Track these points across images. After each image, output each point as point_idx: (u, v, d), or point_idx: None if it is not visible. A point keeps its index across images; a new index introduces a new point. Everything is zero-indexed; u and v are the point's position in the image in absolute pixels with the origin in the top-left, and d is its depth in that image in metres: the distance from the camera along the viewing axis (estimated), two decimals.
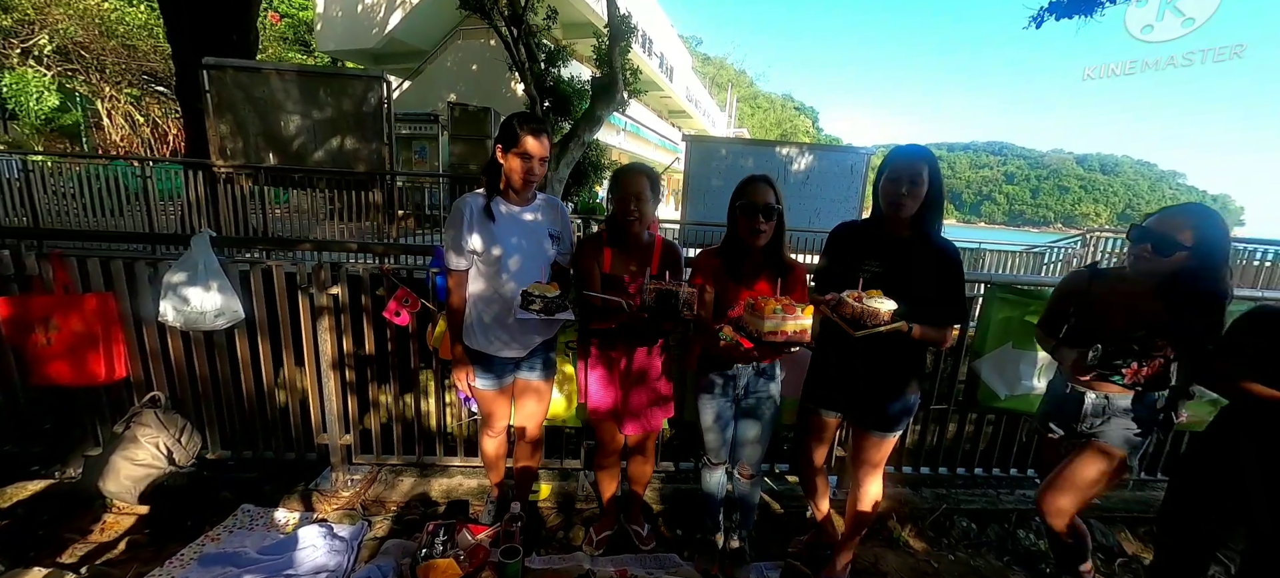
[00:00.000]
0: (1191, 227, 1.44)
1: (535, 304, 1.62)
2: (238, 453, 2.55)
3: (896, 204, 1.61)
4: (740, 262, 1.79)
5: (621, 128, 15.24)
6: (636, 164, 1.86)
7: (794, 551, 2.16)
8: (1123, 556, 2.39)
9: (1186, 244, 1.43)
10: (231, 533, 2.11)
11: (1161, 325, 1.50)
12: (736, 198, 1.75)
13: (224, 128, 5.84)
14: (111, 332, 2.27)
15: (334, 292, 2.30)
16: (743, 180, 1.76)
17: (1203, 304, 1.48)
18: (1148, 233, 1.49)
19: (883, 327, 1.48)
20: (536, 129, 1.73)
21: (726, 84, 41.06)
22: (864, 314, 1.47)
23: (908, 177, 1.58)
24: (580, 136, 7.06)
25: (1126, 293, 1.62)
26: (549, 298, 1.63)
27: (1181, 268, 1.46)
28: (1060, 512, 1.77)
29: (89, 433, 2.44)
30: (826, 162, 7.83)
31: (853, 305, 1.48)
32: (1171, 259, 1.45)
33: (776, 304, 1.51)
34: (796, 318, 1.51)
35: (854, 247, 1.75)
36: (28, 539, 2.03)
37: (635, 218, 1.78)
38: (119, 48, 13.82)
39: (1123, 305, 1.61)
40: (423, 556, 1.75)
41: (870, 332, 1.47)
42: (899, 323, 1.50)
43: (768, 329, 1.50)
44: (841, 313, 1.51)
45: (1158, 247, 1.46)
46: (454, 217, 1.78)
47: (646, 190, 1.79)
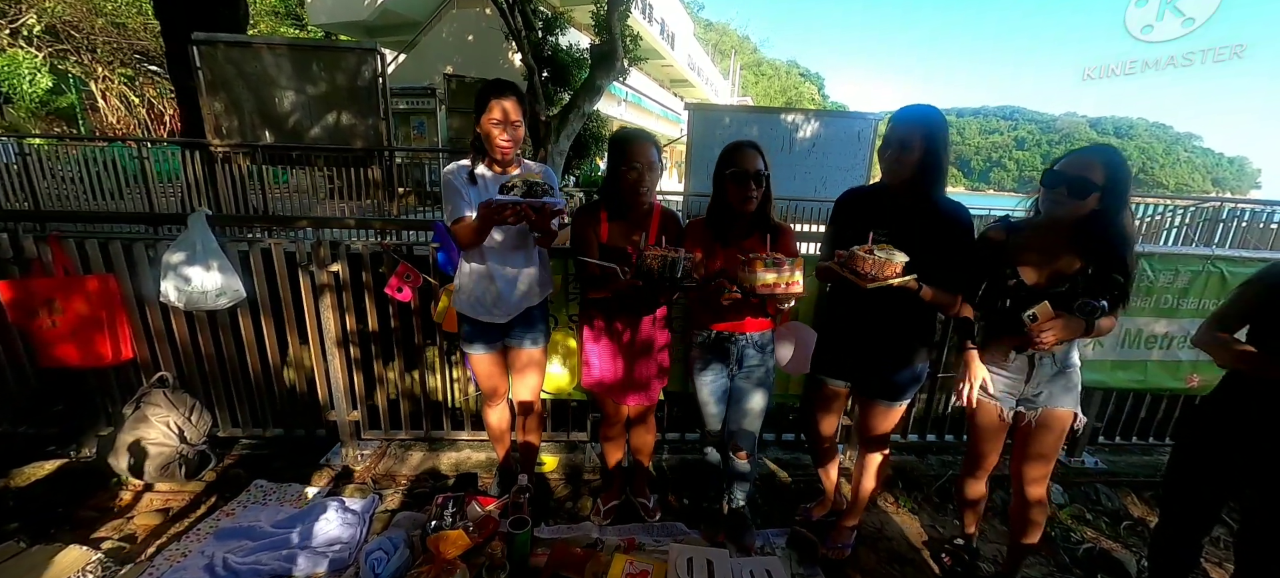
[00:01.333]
0: (1103, 165, 1.40)
1: (516, 189, 1.55)
2: (248, 431, 2.57)
3: (888, 168, 1.59)
4: (729, 227, 1.76)
5: (623, 98, 14.94)
6: (638, 130, 1.80)
7: (800, 518, 2.18)
8: (1129, 519, 2.40)
9: (1099, 183, 1.39)
10: (245, 508, 2.15)
11: (1087, 278, 1.47)
12: (725, 165, 1.71)
13: (218, 106, 5.75)
14: (115, 313, 2.27)
15: (334, 269, 2.28)
16: (728, 146, 1.72)
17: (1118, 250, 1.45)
18: (1062, 176, 1.44)
19: (894, 280, 1.45)
20: (504, 90, 1.69)
21: (729, 51, 40.03)
22: (874, 266, 1.44)
23: (895, 141, 1.55)
24: (580, 107, 6.91)
25: (1040, 242, 1.55)
26: (532, 182, 1.56)
27: (1092, 211, 1.42)
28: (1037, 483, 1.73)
29: (101, 413, 2.47)
30: (833, 128, 7.64)
31: (864, 259, 1.45)
32: (1086, 201, 1.41)
33: (768, 256, 1.50)
34: (786, 271, 1.50)
35: (861, 212, 1.71)
36: (48, 517, 2.08)
37: (644, 190, 1.74)
38: (108, 26, 13.58)
39: (1037, 257, 1.55)
40: (433, 527, 1.77)
41: (881, 284, 1.45)
42: (909, 278, 1.47)
43: (759, 283, 1.49)
44: (853, 267, 1.48)
45: (1072, 188, 1.42)
46: (447, 187, 1.78)
47: (655, 158, 1.75)
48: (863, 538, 2.11)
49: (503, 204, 1.53)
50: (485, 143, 1.74)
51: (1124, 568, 2.06)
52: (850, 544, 2.03)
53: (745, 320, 1.80)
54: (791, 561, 1.99)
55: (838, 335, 1.84)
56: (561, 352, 2.28)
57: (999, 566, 2.04)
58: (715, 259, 1.76)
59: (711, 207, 1.80)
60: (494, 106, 1.67)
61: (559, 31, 8.46)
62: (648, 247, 1.60)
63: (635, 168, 1.71)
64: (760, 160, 1.68)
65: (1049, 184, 1.47)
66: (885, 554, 2.08)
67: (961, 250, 1.60)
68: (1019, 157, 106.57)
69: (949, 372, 2.63)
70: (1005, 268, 1.58)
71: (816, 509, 2.21)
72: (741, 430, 1.89)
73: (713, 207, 1.80)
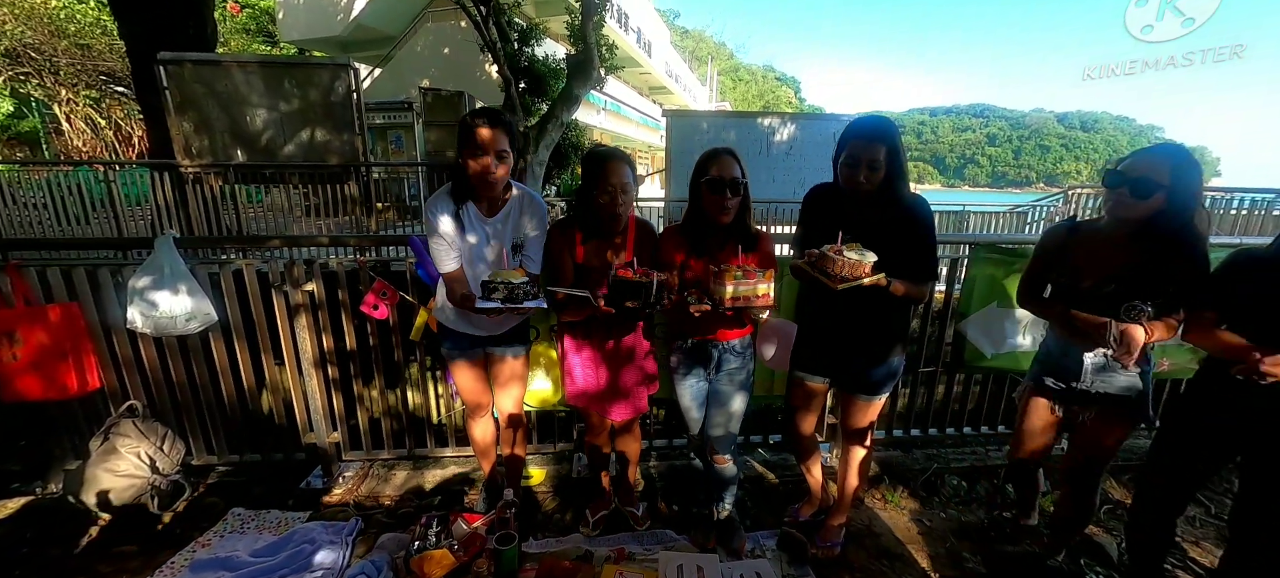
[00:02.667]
0: (1168, 165, 1.40)
1: (497, 292, 1.53)
2: (224, 457, 2.50)
3: (854, 185, 1.59)
4: (704, 236, 1.75)
5: (601, 107, 14.99)
6: (611, 149, 1.78)
7: (789, 519, 2.19)
8: (1109, 503, 2.46)
9: (1163, 182, 1.39)
10: (222, 538, 2.08)
11: (1134, 275, 1.48)
12: (700, 172, 1.68)
13: (187, 126, 5.62)
14: (80, 343, 2.19)
15: (309, 288, 2.24)
16: (705, 154, 1.70)
17: (1185, 248, 1.44)
18: (1123, 177, 1.45)
19: (864, 279, 1.47)
20: (486, 120, 1.60)
21: (706, 57, 40.48)
22: (844, 266, 1.45)
23: (866, 159, 1.54)
24: (558, 117, 6.92)
25: (1100, 245, 1.58)
26: (514, 284, 1.54)
27: (1158, 211, 1.42)
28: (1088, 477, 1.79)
29: (67, 447, 2.38)
30: (809, 131, 7.77)
31: (834, 260, 1.46)
32: (1150, 201, 1.41)
33: (738, 270, 1.50)
34: (756, 283, 1.50)
35: (828, 210, 1.73)
36: (12, 558, 1.99)
37: (618, 212, 1.72)
38: (72, 48, 13.20)
39: (1095, 259, 1.58)
40: (417, 548, 1.73)
41: (852, 284, 1.46)
42: (879, 277, 1.49)
43: (729, 295, 1.49)
44: (823, 268, 1.49)
45: (1135, 189, 1.42)
46: (430, 232, 1.71)
47: (629, 180, 1.71)
48: (852, 535, 2.12)
49: (484, 310, 1.53)
50: (472, 182, 1.64)
51: (1105, 551, 2.10)
52: (840, 542, 2.04)
53: (720, 330, 1.80)
54: (782, 562, 1.99)
55: (814, 332, 1.85)
56: (544, 363, 2.26)
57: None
58: (689, 268, 1.75)
59: (687, 214, 1.79)
60: (478, 133, 1.57)
61: (535, 42, 8.47)
62: (620, 270, 1.56)
63: (608, 192, 1.68)
64: (737, 167, 1.65)
65: (1111, 184, 1.47)
66: (875, 550, 2.10)
67: (924, 244, 1.64)
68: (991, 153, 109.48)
69: (929, 366, 2.68)
70: (1062, 270, 1.61)
71: (804, 509, 2.22)
72: (720, 436, 1.89)
73: (689, 215, 1.78)
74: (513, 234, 1.77)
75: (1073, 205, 6.37)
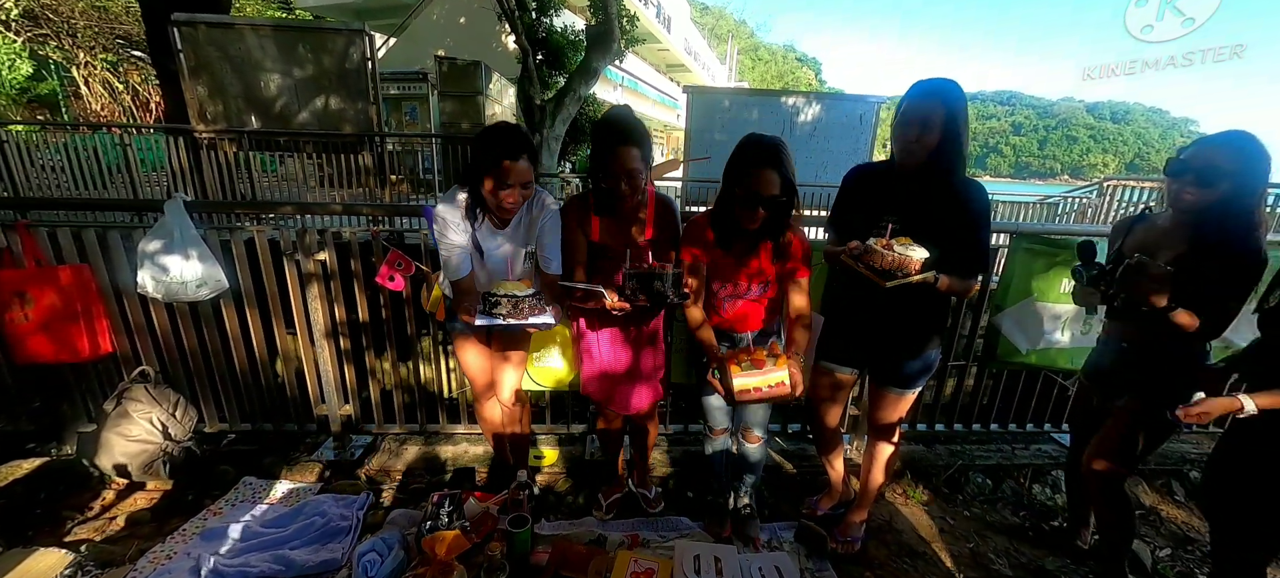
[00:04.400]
0: (1234, 151, 1.31)
1: (500, 307, 1.47)
2: (236, 426, 2.49)
3: (905, 150, 1.46)
4: (733, 236, 1.62)
5: (619, 83, 14.71)
6: (623, 123, 1.57)
7: (807, 511, 2.12)
8: (1141, 508, 2.36)
9: (1229, 169, 1.31)
10: (233, 507, 2.07)
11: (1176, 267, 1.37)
12: (736, 178, 1.51)
13: (201, 90, 5.56)
14: (91, 306, 2.16)
15: (321, 257, 2.18)
16: (746, 157, 1.50)
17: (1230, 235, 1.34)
18: (1188, 165, 1.36)
19: (914, 277, 1.36)
20: (516, 149, 1.49)
21: (726, 35, 39.52)
22: (895, 263, 1.34)
23: (917, 119, 1.42)
24: (576, 90, 6.75)
25: (1153, 238, 1.50)
26: (519, 296, 1.48)
27: (1219, 200, 1.33)
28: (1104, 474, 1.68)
29: (81, 409, 2.37)
30: (835, 112, 7.49)
31: (882, 254, 1.36)
32: (1215, 188, 1.33)
33: (746, 359, 1.42)
34: (767, 374, 1.40)
35: (870, 194, 1.61)
36: (26, 518, 1.99)
37: (627, 195, 1.57)
38: (89, 8, 13.18)
39: (1148, 247, 1.48)
40: (428, 527, 1.69)
41: (901, 283, 1.35)
42: (928, 273, 1.38)
43: (738, 389, 1.41)
44: (869, 263, 1.38)
45: (1201, 177, 1.33)
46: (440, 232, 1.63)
47: (638, 165, 1.53)
48: (872, 531, 2.06)
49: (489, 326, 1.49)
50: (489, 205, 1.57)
51: (1138, 558, 2.01)
52: (860, 538, 1.98)
53: (748, 318, 1.72)
54: (800, 555, 1.93)
55: (847, 323, 1.75)
56: (559, 342, 2.19)
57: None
58: (718, 264, 1.65)
59: (718, 205, 1.62)
60: (508, 170, 1.47)
61: (553, 12, 8.24)
62: (632, 265, 1.48)
63: (613, 176, 1.53)
64: (780, 178, 1.46)
65: (1175, 173, 1.39)
66: (896, 547, 2.03)
67: (978, 234, 1.52)
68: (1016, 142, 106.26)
69: (959, 360, 2.57)
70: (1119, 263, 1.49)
71: (823, 501, 2.15)
72: (751, 411, 1.81)
73: (719, 205, 1.61)
74: (526, 238, 1.69)
75: (1108, 198, 6.10)
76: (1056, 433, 2.72)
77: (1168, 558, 2.07)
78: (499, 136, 1.53)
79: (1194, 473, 2.55)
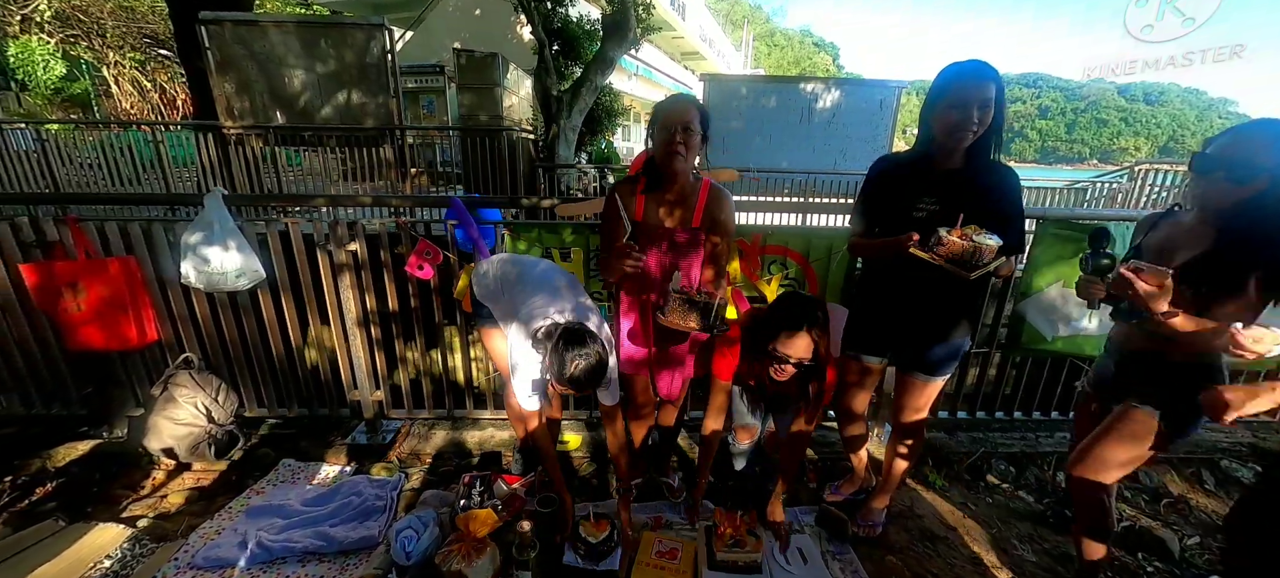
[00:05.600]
0: (1272, 143, 1.21)
1: (579, 548, 1.61)
2: (274, 411, 2.59)
3: (959, 134, 1.42)
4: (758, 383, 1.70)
5: (633, 73, 14.63)
6: (682, 94, 1.65)
7: (829, 496, 2.14)
8: (1169, 497, 2.33)
9: (1268, 164, 1.20)
10: (275, 487, 2.17)
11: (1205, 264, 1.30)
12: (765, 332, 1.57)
13: (228, 87, 5.71)
14: (138, 295, 2.27)
15: (352, 248, 2.25)
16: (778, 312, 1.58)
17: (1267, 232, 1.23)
18: (1218, 159, 1.26)
19: (991, 264, 1.36)
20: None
21: (742, 22, 38.91)
22: (973, 252, 1.32)
23: (977, 101, 1.37)
24: (592, 80, 6.75)
25: (1178, 236, 1.40)
26: (593, 544, 1.60)
27: (1255, 195, 1.23)
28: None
29: (130, 395, 2.50)
30: (855, 97, 7.33)
31: (959, 244, 1.33)
32: (1252, 184, 1.23)
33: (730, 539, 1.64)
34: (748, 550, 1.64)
35: (902, 185, 1.60)
36: (84, 496, 2.12)
37: (679, 150, 1.54)
38: (117, 9, 13.54)
39: (1164, 252, 1.40)
40: (462, 506, 1.76)
41: (983, 271, 1.35)
42: (1001, 259, 1.39)
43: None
44: (947, 255, 1.35)
45: (1233, 172, 1.24)
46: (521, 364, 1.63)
47: (695, 121, 1.55)
48: (893, 516, 2.07)
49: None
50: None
51: (1165, 546, 2.00)
52: (881, 523, 1.99)
53: None
54: (821, 538, 1.96)
55: (879, 311, 1.75)
56: None
57: None
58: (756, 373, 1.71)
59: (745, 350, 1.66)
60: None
61: (569, 2, 8.22)
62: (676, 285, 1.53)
63: (668, 130, 1.54)
64: (815, 341, 1.49)
65: (1204, 169, 1.29)
66: (916, 533, 2.04)
67: (1015, 213, 1.51)
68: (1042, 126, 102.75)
69: (983, 348, 2.55)
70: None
71: (845, 486, 2.17)
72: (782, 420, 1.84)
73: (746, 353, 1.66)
74: None
75: (1139, 183, 5.91)
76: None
77: (1196, 546, 2.04)
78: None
79: (1225, 462, 2.50)
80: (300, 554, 1.77)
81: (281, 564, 1.75)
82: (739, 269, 2.25)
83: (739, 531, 1.64)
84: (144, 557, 1.77)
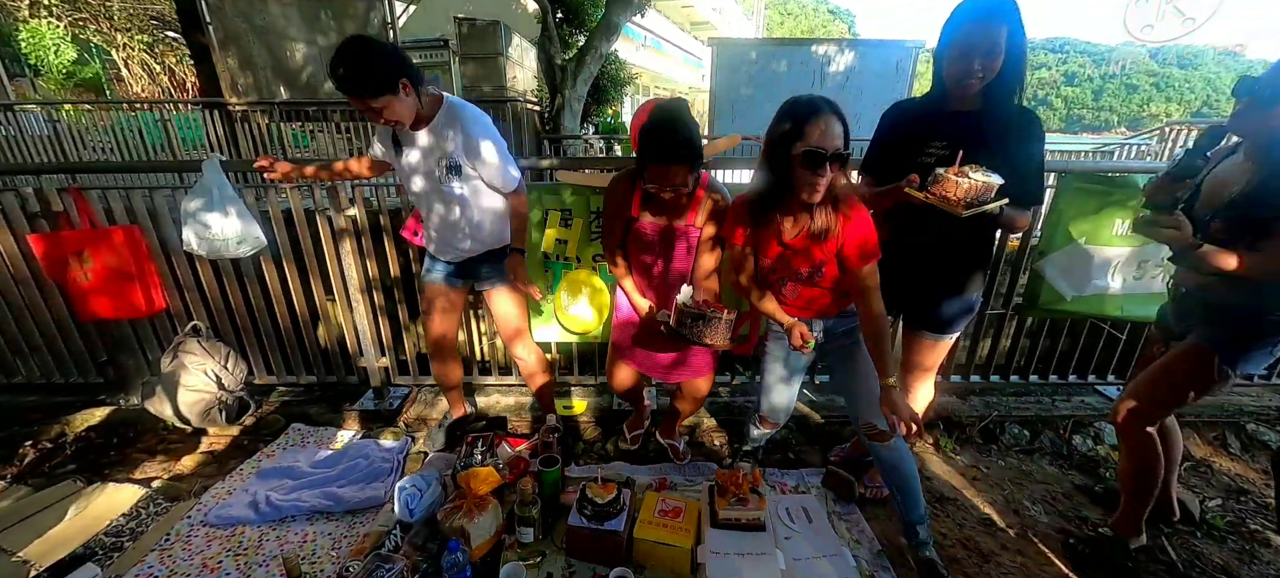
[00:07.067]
0: None
1: (586, 510, 1.58)
2: (283, 379, 2.62)
3: (965, 83, 1.35)
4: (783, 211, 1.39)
5: (641, 43, 14.30)
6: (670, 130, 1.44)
7: (835, 458, 2.12)
8: (1190, 460, 2.26)
9: None
10: (285, 450, 2.20)
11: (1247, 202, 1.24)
12: (791, 135, 1.26)
13: (232, 62, 5.69)
14: (144, 264, 2.28)
15: (351, 213, 2.23)
16: (797, 107, 1.28)
17: None
18: (1251, 84, 1.22)
19: (991, 205, 1.29)
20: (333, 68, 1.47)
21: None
22: (974, 190, 1.25)
23: (981, 44, 1.29)
24: (597, 48, 6.59)
25: (1231, 169, 1.35)
26: (599, 504, 1.57)
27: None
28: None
29: (142, 363, 2.54)
30: (869, 59, 7.04)
31: (958, 182, 1.26)
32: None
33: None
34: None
35: (913, 127, 1.52)
36: (102, 460, 2.17)
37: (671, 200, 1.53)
38: None
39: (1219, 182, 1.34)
40: (462, 466, 1.76)
41: (978, 211, 1.28)
42: (1003, 200, 1.31)
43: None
44: (942, 193, 1.29)
45: (1261, 93, 1.20)
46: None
47: (687, 180, 1.47)
48: None
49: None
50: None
51: (1186, 507, 1.94)
52: None
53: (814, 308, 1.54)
54: (828, 499, 1.93)
55: (885, 266, 1.68)
56: (587, 292, 2.20)
57: None
58: (765, 251, 1.49)
59: (764, 182, 1.37)
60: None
61: None
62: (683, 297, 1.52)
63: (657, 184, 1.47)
64: (841, 128, 1.26)
65: (1238, 93, 1.26)
66: (926, 494, 1.99)
67: (1035, 160, 1.42)
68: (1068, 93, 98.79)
69: (998, 310, 2.47)
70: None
71: (851, 449, 2.14)
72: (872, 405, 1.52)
73: (767, 183, 1.37)
74: (439, 152, 1.65)
75: (1170, 144, 5.64)
76: (1102, 385, 2.61)
77: (1218, 508, 1.98)
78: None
79: (1251, 425, 2.41)
80: (308, 513, 1.80)
81: (290, 522, 1.78)
82: None
83: (742, 489, 1.62)
84: (158, 515, 1.81)
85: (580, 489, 1.62)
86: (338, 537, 1.72)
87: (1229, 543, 1.82)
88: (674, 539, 1.55)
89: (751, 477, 1.68)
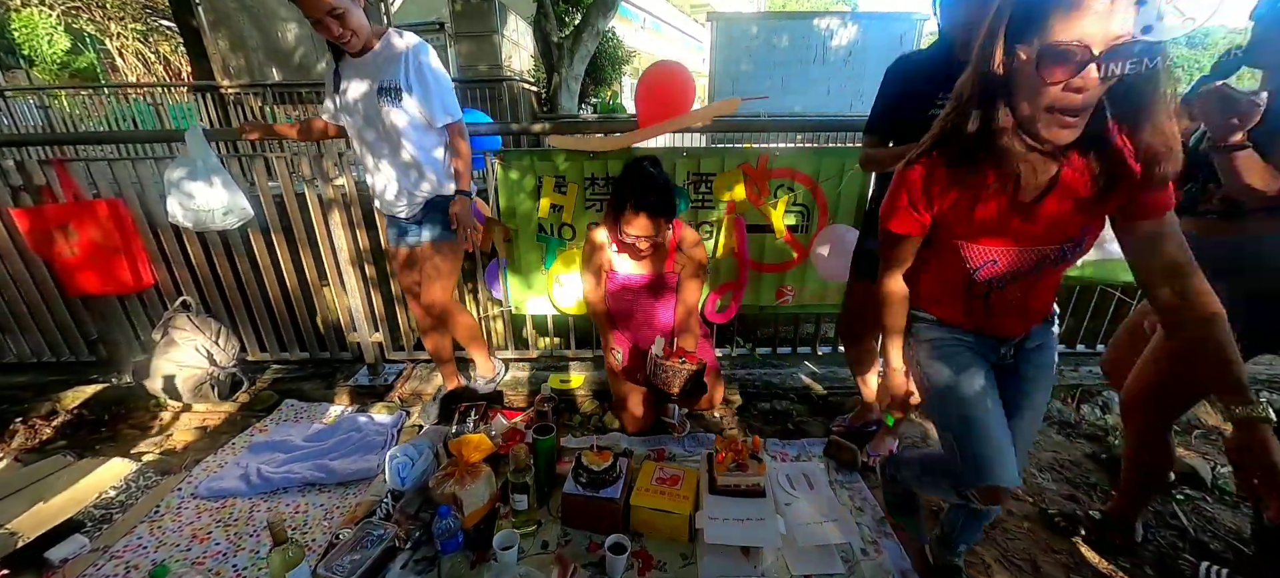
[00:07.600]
0: None
1: (582, 476, 1.55)
2: (276, 355, 2.59)
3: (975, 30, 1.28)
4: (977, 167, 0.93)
5: (640, 25, 14.06)
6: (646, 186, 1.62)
7: (837, 428, 2.07)
8: (1200, 428, 2.21)
9: None
10: (278, 425, 2.17)
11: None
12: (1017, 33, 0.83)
13: (223, 44, 5.60)
14: (130, 239, 2.24)
15: (340, 183, 2.17)
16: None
17: None
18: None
19: None
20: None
21: None
22: None
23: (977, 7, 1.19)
24: (593, 25, 6.45)
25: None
26: (595, 472, 1.54)
27: None
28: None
29: (133, 339, 2.51)
30: (871, 33, 6.86)
31: None
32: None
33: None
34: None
35: (920, 80, 1.45)
36: (94, 436, 2.15)
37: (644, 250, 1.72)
38: None
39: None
40: (455, 433, 1.72)
41: None
42: None
43: None
44: None
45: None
46: None
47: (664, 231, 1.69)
48: (904, 447, 1.99)
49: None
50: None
51: (1197, 474, 1.90)
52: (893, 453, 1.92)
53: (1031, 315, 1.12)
54: (830, 468, 1.89)
55: None
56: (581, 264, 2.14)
57: None
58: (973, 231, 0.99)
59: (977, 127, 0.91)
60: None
61: None
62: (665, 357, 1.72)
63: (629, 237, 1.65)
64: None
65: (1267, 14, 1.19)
66: None
67: None
68: None
69: None
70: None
71: (853, 419, 2.10)
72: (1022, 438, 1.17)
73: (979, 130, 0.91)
74: (378, 76, 1.67)
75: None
76: None
77: (1230, 475, 1.94)
78: None
79: (1265, 395, 2.36)
80: (300, 485, 1.77)
81: (282, 494, 1.75)
82: (744, 193, 2.13)
83: (741, 455, 1.57)
84: (148, 488, 1.78)
85: (576, 457, 1.58)
86: (330, 508, 1.69)
87: (1241, 509, 1.78)
88: (673, 506, 1.52)
89: (751, 443, 1.63)
